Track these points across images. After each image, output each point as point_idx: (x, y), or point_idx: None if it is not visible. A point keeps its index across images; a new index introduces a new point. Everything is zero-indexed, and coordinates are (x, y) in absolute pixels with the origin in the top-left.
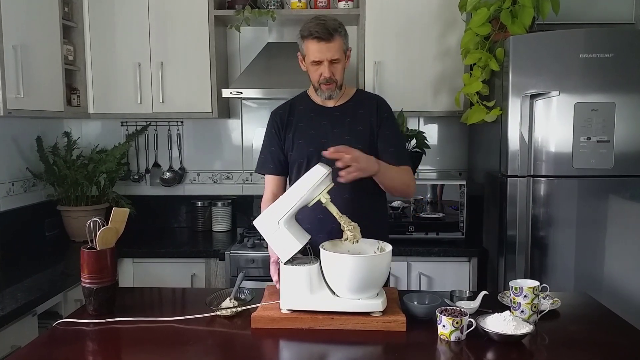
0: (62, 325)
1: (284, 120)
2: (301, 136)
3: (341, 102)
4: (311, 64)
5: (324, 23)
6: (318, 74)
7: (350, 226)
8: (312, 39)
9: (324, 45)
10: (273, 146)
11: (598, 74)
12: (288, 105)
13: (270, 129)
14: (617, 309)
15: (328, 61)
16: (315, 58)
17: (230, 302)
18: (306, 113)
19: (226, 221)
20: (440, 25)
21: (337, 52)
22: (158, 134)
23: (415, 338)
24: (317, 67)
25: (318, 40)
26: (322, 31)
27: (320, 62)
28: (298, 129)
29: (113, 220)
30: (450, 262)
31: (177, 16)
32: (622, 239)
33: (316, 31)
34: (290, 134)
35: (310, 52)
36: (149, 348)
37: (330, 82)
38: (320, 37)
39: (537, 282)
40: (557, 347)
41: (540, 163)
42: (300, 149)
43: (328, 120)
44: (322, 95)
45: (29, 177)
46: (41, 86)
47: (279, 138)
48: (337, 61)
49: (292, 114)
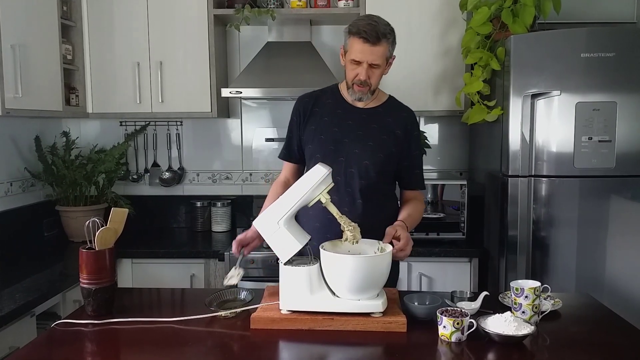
0: (61, 326)
1: (307, 110)
2: (323, 131)
3: (371, 105)
4: (351, 61)
5: (376, 25)
6: (354, 73)
7: (351, 226)
8: (359, 37)
9: (368, 48)
10: (291, 133)
11: (599, 74)
12: (315, 94)
13: (294, 117)
14: (618, 310)
15: (368, 64)
16: (356, 57)
17: (235, 270)
18: (333, 108)
19: (225, 221)
20: (440, 24)
21: (379, 57)
22: (157, 133)
23: (415, 339)
24: (356, 66)
25: (364, 41)
26: (371, 33)
27: (359, 63)
28: (322, 122)
29: (112, 221)
30: (451, 262)
31: (177, 15)
32: (624, 239)
33: (364, 31)
34: (312, 125)
35: (353, 50)
36: (148, 349)
37: (364, 85)
38: (367, 38)
39: (538, 283)
40: (559, 348)
41: (541, 163)
42: (320, 144)
43: (354, 121)
44: (352, 95)
45: (28, 177)
46: (40, 86)
47: (297, 127)
48: (377, 66)
49: (317, 105)
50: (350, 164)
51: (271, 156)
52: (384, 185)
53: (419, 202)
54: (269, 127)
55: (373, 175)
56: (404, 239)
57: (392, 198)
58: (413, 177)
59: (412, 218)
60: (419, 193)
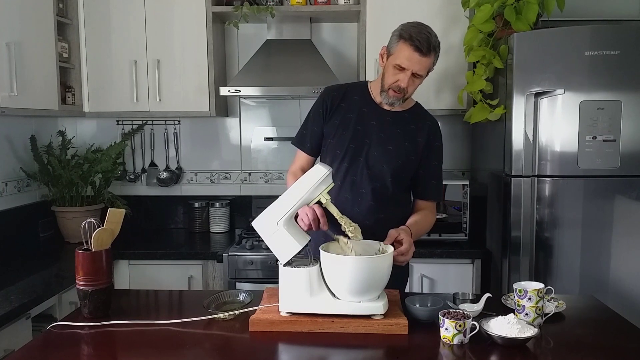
0: (57, 328)
1: (335, 103)
2: (346, 128)
3: (397, 108)
4: (394, 66)
5: (428, 37)
6: (395, 78)
7: (351, 227)
8: (411, 44)
9: (418, 57)
10: (315, 125)
11: (604, 72)
12: (344, 89)
13: (318, 108)
14: (623, 312)
15: (412, 73)
16: (402, 64)
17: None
18: (360, 106)
19: (224, 222)
20: (442, 21)
21: (425, 68)
22: (154, 133)
23: (417, 341)
24: (399, 72)
25: (415, 49)
26: (424, 43)
27: (404, 69)
28: (346, 119)
29: (109, 221)
30: (453, 263)
31: (174, 12)
32: (629, 240)
33: (418, 40)
34: (336, 120)
35: (401, 56)
36: (146, 352)
37: (401, 92)
38: (420, 48)
39: (542, 285)
40: (562, 350)
41: (545, 163)
42: (342, 141)
43: (378, 122)
44: (385, 99)
45: (23, 177)
46: (35, 84)
47: (323, 119)
48: (419, 77)
49: (344, 100)
50: (368, 166)
51: (270, 156)
52: (398, 191)
53: (429, 213)
54: (268, 127)
55: (388, 179)
56: (406, 244)
57: (404, 205)
58: (428, 188)
59: (418, 226)
60: (432, 204)
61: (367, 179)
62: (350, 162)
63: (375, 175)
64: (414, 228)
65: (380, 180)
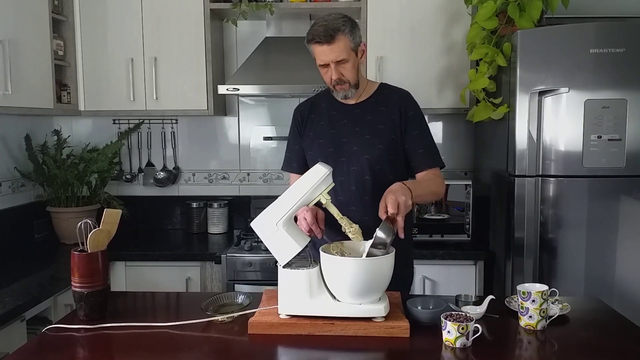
0: (52, 331)
1: (304, 117)
2: (321, 135)
3: (362, 98)
4: (320, 67)
5: (325, 24)
6: (328, 76)
7: (352, 228)
8: (313, 43)
9: (327, 48)
10: (296, 144)
11: (609, 70)
12: (310, 102)
13: (293, 127)
14: (629, 314)
15: (334, 63)
16: (320, 62)
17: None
18: (328, 111)
19: (222, 223)
20: (444, 19)
21: (341, 52)
22: (151, 132)
23: (419, 344)
24: (326, 69)
25: (317, 44)
26: (323, 33)
27: (327, 65)
28: (319, 127)
29: (105, 222)
30: (456, 265)
31: (172, 9)
32: (634, 241)
33: (317, 35)
34: (310, 132)
35: (316, 56)
36: (142, 355)
37: (342, 83)
38: (321, 40)
39: (546, 287)
40: (567, 353)
41: (549, 162)
42: (320, 149)
43: (349, 119)
44: (337, 96)
45: (17, 177)
46: (30, 82)
47: (300, 136)
48: (344, 61)
49: (313, 111)
50: (352, 162)
51: (269, 155)
52: (393, 176)
53: (432, 177)
54: (267, 126)
55: (377, 168)
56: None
57: None
58: (417, 158)
59: (419, 184)
60: (430, 173)
61: (354, 176)
62: (333, 165)
63: (362, 169)
64: (411, 184)
65: (368, 172)
